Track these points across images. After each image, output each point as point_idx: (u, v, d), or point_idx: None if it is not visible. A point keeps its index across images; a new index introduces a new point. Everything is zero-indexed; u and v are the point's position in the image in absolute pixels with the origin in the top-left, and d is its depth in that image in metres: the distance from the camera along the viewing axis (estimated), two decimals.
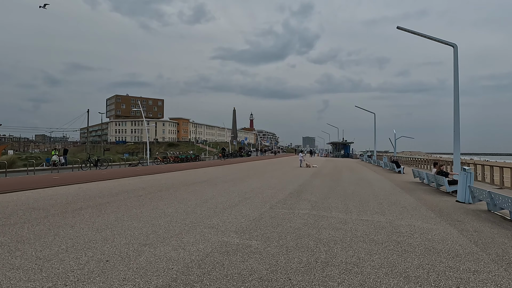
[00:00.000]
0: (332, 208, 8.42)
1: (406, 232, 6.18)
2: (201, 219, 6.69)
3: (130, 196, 9.61)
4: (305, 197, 10.32)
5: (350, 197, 10.58)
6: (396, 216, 7.71)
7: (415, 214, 7.98)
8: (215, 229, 5.95)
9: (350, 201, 9.64)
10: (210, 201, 9.03)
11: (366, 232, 6.07)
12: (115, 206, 7.98)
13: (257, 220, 6.77)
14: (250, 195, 10.41)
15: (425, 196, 11.40)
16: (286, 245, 5.12)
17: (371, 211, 8.25)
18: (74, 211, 7.24)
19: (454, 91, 16.25)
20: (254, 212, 7.61)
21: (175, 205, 8.20)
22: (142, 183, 13.12)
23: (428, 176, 14.30)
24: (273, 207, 8.32)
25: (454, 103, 16.12)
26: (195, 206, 8.20)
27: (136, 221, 6.37)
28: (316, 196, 10.60)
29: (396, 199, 10.49)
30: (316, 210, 8.16)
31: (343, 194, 11.29)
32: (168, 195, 9.89)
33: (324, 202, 9.42)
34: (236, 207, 8.16)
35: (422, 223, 7.06)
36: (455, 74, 16.42)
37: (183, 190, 11.25)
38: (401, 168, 23.14)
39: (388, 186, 14.44)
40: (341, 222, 6.82)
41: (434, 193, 12.43)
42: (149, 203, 8.48)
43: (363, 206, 8.92)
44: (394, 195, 11.34)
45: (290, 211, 7.86)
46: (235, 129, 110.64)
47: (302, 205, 8.81)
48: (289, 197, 10.20)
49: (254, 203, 8.89)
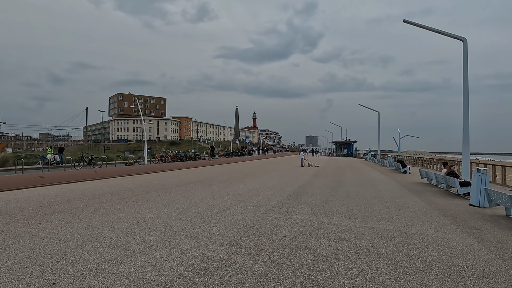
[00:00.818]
0: (334, 213, 7.59)
1: (419, 243, 5.35)
2: (184, 227, 5.89)
3: (113, 198, 8.83)
4: (305, 199, 9.50)
5: (353, 200, 9.75)
6: (406, 222, 6.88)
7: (426, 220, 7.14)
8: (197, 239, 5.15)
9: (353, 205, 8.81)
10: (200, 204, 8.23)
11: (372, 243, 5.24)
12: (92, 210, 7.19)
13: (248, 228, 5.96)
14: (245, 197, 9.60)
15: (435, 199, 10.54)
16: (277, 260, 4.30)
17: (377, 216, 7.42)
18: (43, 217, 6.46)
19: (463, 86, 15.33)
20: (246, 218, 6.80)
21: (159, 209, 7.41)
22: (131, 183, 12.35)
23: (437, 177, 13.42)
24: (268, 212, 7.51)
25: (463, 99, 15.20)
26: (182, 210, 7.41)
27: (108, 229, 5.59)
28: (317, 198, 9.78)
29: (403, 202, 9.64)
30: (316, 215, 7.33)
31: (346, 196, 10.45)
32: (155, 197, 9.11)
33: (325, 205, 8.59)
34: (227, 212, 7.36)
35: (436, 231, 6.22)
36: (465, 68, 15.51)
37: (173, 191, 10.46)
38: (406, 168, 22.23)
39: (394, 187, 13.58)
40: (344, 231, 6.00)
41: (444, 195, 11.56)
42: (131, 206, 7.70)
43: (368, 210, 8.09)
44: (401, 198, 10.49)
45: (286, 217, 7.04)
46: (237, 128, 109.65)
47: (301, 209, 7.99)
48: (287, 199, 9.38)
49: (248, 206, 8.08)
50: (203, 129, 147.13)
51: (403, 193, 11.66)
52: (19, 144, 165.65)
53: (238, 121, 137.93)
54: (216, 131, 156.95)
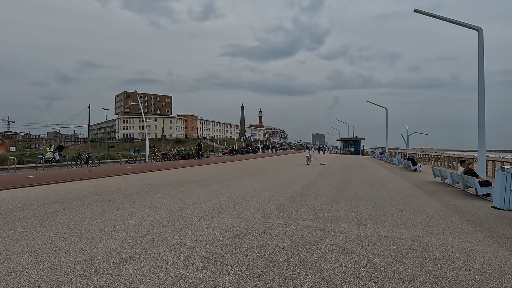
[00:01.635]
0: (341, 218, 6.72)
1: (443, 257, 4.46)
2: (166, 236, 5.07)
3: (97, 200, 8.05)
4: (309, 201, 8.63)
5: (362, 201, 8.85)
6: (423, 229, 5.98)
7: (447, 227, 6.23)
8: (177, 253, 4.32)
9: (362, 207, 7.92)
10: (191, 207, 7.42)
11: (387, 257, 4.37)
12: (68, 215, 6.42)
13: (241, 237, 5.13)
14: (243, 198, 8.76)
15: (453, 200, 9.59)
16: (271, 283, 3.46)
17: (390, 222, 6.53)
18: (9, 223, 5.70)
19: (479, 79, 14.36)
20: (241, 224, 5.96)
21: (143, 214, 6.60)
22: (123, 183, 11.59)
23: (452, 175, 12.43)
24: (266, 216, 6.66)
25: (479, 92, 14.23)
26: (169, 214, 6.60)
27: (77, 239, 4.79)
28: (322, 200, 8.90)
29: (418, 204, 8.72)
30: (320, 220, 6.47)
31: (354, 197, 9.56)
32: (144, 199, 8.31)
33: (331, 208, 7.72)
34: (220, 217, 6.52)
35: (461, 241, 5.32)
36: (480, 60, 14.56)
37: (166, 192, 9.67)
38: (417, 166, 21.18)
39: (406, 187, 12.63)
40: (353, 241, 5.12)
41: (462, 196, 10.60)
42: (114, 210, 6.91)
43: (379, 214, 7.20)
44: (415, 199, 9.56)
45: (287, 223, 6.18)
46: (243, 126, 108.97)
47: (304, 213, 7.13)
48: (289, 201, 8.52)
49: (245, 210, 7.24)
50: (208, 127, 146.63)
51: (416, 194, 10.72)
52: (27, 142, 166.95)
53: (243, 118, 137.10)
54: (222, 129, 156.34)
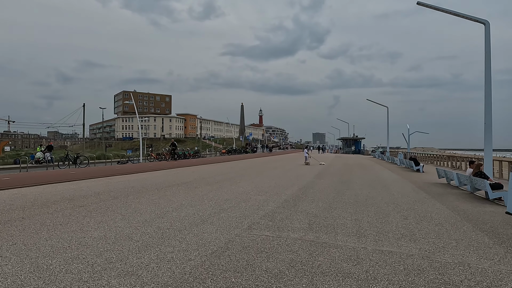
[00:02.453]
0: (338, 228, 5.89)
1: (461, 281, 3.63)
2: (127, 254, 4.24)
3: (66, 207, 7.23)
4: (303, 207, 7.80)
5: (362, 206, 8.02)
6: (433, 242, 5.15)
7: (460, 239, 5.40)
8: (133, 278, 3.50)
9: (363, 214, 7.09)
10: (169, 215, 6.59)
11: (393, 282, 3.54)
12: (24, 225, 5.59)
13: (217, 255, 4.30)
14: (230, 204, 7.94)
15: (462, 205, 8.76)
16: None
17: (395, 232, 5.70)
18: None
19: (485, 73, 13.55)
20: (221, 237, 5.13)
21: (112, 224, 5.78)
22: (104, 186, 10.76)
23: (459, 177, 11.59)
24: (253, 227, 5.83)
25: (485, 88, 13.43)
26: (141, 224, 5.77)
27: (18, 259, 3.96)
28: (318, 205, 8.07)
29: (424, 209, 7.89)
30: (314, 231, 5.64)
31: (353, 202, 8.73)
32: (119, 205, 7.49)
33: (328, 216, 6.89)
34: (199, 227, 5.70)
35: (478, 258, 4.49)
36: (487, 54, 13.77)
37: (147, 196, 8.84)
38: (420, 166, 20.34)
39: (410, 189, 11.79)
40: (351, 259, 4.30)
41: (471, 200, 9.76)
42: (80, 219, 6.08)
43: (381, 223, 6.37)
44: (420, 203, 8.73)
45: (275, 235, 5.35)
46: (243, 125, 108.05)
47: (296, 221, 6.30)
48: (281, 207, 7.69)
49: (230, 218, 6.42)
50: (208, 126, 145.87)
51: (421, 197, 9.89)
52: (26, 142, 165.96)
53: (243, 118, 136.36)
54: (222, 129, 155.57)
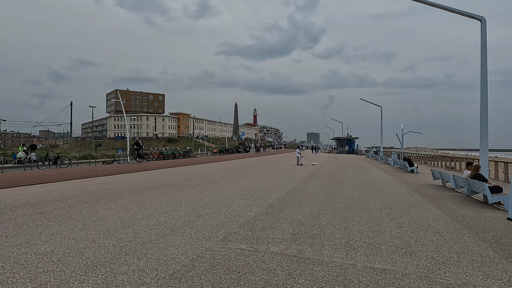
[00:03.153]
0: (325, 239, 5.23)
1: None
2: (70, 276, 3.53)
3: (24, 214, 6.46)
4: (289, 213, 7.13)
5: (354, 212, 7.38)
6: (432, 256, 4.52)
7: (461, 252, 4.77)
8: None
9: (354, 222, 6.45)
10: (137, 223, 5.88)
11: None
12: None
13: (178, 277, 3.61)
14: (210, 209, 7.24)
15: (460, 210, 8.17)
16: None
17: (388, 244, 5.06)
18: None
19: (481, 71, 13.05)
20: (189, 252, 4.44)
21: (67, 235, 5.05)
22: (77, 189, 9.99)
23: (456, 179, 11.02)
24: (228, 238, 5.14)
25: (481, 86, 12.94)
26: (101, 236, 5.05)
27: None
28: (306, 211, 7.41)
29: (420, 215, 7.28)
30: (298, 243, 4.97)
31: (344, 206, 8.09)
32: (85, 212, 6.75)
33: (315, 223, 6.24)
34: (167, 239, 5.00)
35: (485, 277, 3.87)
36: (483, 51, 13.29)
37: (120, 201, 8.11)
38: (414, 167, 19.82)
39: (404, 192, 11.20)
40: (337, 280, 3.63)
41: (469, 203, 9.19)
42: (33, 229, 5.34)
43: (374, 232, 5.73)
44: (415, 208, 8.12)
45: (252, 248, 4.67)
46: (236, 124, 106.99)
47: (279, 231, 5.63)
48: (264, 213, 7.02)
49: (205, 227, 5.73)
50: (201, 125, 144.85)
51: (416, 201, 9.29)
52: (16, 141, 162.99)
53: (237, 117, 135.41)
54: (215, 128, 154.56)
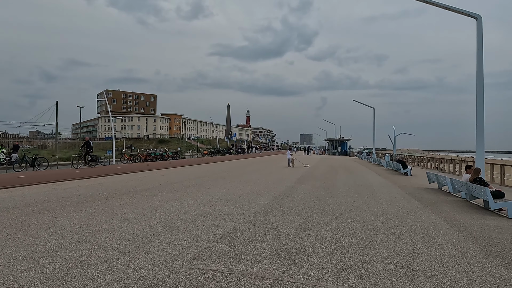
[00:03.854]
0: (314, 255, 4.53)
1: None
2: None
3: None
4: (275, 222, 6.42)
5: (346, 221, 6.70)
6: (437, 277, 3.85)
7: (470, 271, 4.11)
8: None
9: (346, 232, 5.77)
10: (99, 237, 5.11)
11: None
12: None
13: None
14: (186, 218, 6.50)
15: (460, 217, 7.54)
16: None
17: (386, 260, 4.37)
18: None
19: (477, 71, 12.49)
20: (149, 275, 3.69)
21: (8, 254, 4.26)
22: (44, 194, 9.16)
23: (454, 183, 10.43)
24: (201, 255, 4.41)
25: (477, 85, 12.37)
26: (48, 254, 4.27)
27: None
28: (294, 219, 6.71)
29: (419, 224, 6.62)
30: (281, 261, 4.26)
31: (336, 214, 7.41)
32: (43, 223, 5.95)
33: (303, 235, 5.54)
34: (128, 257, 4.24)
35: None
36: (479, 50, 12.72)
37: (88, 208, 7.31)
38: (408, 169, 19.28)
39: (399, 196, 10.57)
40: None
41: (469, 210, 8.58)
42: None
43: (369, 245, 5.04)
44: (413, 215, 7.47)
45: (227, 269, 3.95)
46: (229, 126, 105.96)
47: (261, 245, 4.91)
48: (248, 223, 6.30)
49: (176, 241, 4.98)
50: (194, 126, 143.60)
51: (413, 207, 8.65)
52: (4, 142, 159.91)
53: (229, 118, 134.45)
54: (208, 129, 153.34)
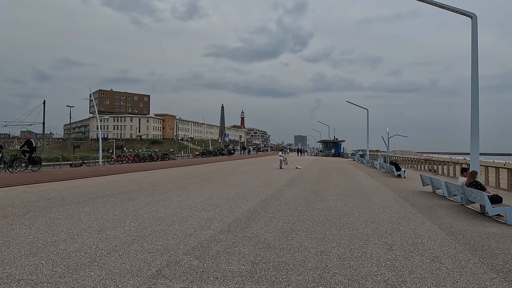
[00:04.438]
0: (294, 270, 3.96)
1: None
2: None
3: None
4: (256, 230, 5.85)
5: (334, 228, 6.15)
6: None
7: (471, 285, 3.57)
8: None
9: (333, 242, 5.21)
10: (51, 248, 4.49)
11: None
12: None
13: None
14: (159, 226, 5.90)
15: (456, 224, 7.04)
16: None
17: (375, 277, 3.82)
18: None
19: (472, 70, 12.07)
20: None
21: None
22: (10, 198, 8.46)
23: (449, 186, 9.95)
24: (162, 272, 3.81)
25: (472, 85, 11.96)
26: None
27: None
28: (277, 227, 6.14)
29: (412, 232, 6.09)
30: (255, 280, 3.68)
31: (324, 220, 6.86)
32: None
33: (285, 245, 4.96)
34: (75, 274, 3.63)
35: None
36: (474, 50, 12.30)
37: (52, 214, 6.67)
38: (401, 171, 18.84)
39: (392, 200, 10.07)
40: None
41: (465, 215, 8.08)
42: None
43: (357, 258, 4.49)
44: (406, 222, 6.95)
45: None
46: (223, 126, 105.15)
47: (236, 259, 4.32)
48: (225, 231, 5.71)
49: (139, 253, 4.38)
50: (187, 127, 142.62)
51: (406, 212, 8.14)
52: None
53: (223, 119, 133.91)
54: (202, 130, 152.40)
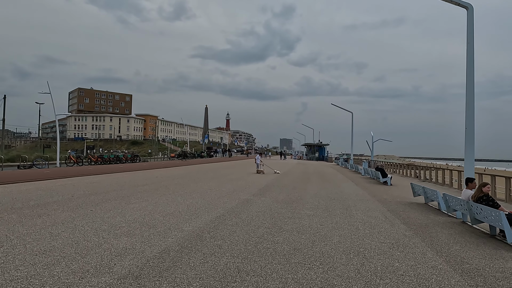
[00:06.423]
0: None
1: None
2: None
3: None
4: (182, 273, 3.91)
5: (301, 266, 4.27)
6: None
7: None
8: None
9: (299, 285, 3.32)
10: None
11: None
12: None
13: None
14: (31, 268, 3.89)
15: (467, 255, 5.27)
16: None
17: None
18: None
19: (467, 65, 10.61)
20: None
21: None
22: None
23: (449, 200, 8.22)
24: None
25: (467, 81, 10.51)
26: None
27: None
28: (218, 265, 4.21)
29: (412, 271, 4.27)
30: None
31: (290, 250, 4.96)
32: None
33: None
34: None
35: None
36: (469, 43, 10.89)
37: None
38: (388, 178, 17.21)
39: (380, 215, 8.29)
40: None
41: (473, 239, 6.34)
42: None
43: None
44: (401, 251, 5.13)
45: None
46: (206, 128, 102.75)
47: None
48: (132, 276, 3.74)
49: None
50: (170, 128, 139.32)
51: (399, 235, 6.34)
52: None
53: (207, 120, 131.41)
54: (185, 131, 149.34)
